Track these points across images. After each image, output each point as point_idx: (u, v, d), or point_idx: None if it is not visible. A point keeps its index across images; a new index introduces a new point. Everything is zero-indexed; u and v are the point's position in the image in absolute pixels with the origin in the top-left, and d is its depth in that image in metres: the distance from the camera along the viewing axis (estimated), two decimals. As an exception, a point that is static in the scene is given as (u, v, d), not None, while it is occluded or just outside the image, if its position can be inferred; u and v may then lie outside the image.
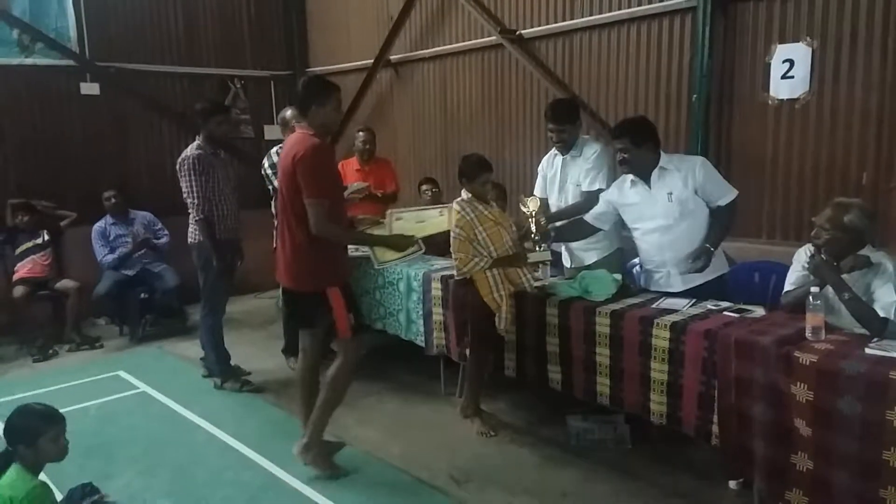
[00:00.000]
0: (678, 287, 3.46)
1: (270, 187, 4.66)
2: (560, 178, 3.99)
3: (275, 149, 4.73)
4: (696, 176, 3.37)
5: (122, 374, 4.86)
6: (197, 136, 4.40)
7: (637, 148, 3.41)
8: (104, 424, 4.00)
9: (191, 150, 4.30)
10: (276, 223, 4.55)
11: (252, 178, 4.90)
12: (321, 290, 3.18)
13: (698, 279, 3.42)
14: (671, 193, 3.39)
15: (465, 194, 3.63)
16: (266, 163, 4.70)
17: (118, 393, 4.51)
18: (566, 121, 3.86)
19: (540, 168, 4.20)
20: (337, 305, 3.18)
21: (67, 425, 2.47)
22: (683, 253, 3.40)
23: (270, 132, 7.40)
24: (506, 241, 3.57)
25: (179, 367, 5.04)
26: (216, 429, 3.87)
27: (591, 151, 3.85)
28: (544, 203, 4.04)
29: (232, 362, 4.63)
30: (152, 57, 6.85)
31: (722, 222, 3.44)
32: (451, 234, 3.58)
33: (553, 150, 4.10)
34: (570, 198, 3.93)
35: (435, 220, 3.47)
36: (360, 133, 5.51)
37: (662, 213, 3.43)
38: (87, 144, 6.50)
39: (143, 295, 5.75)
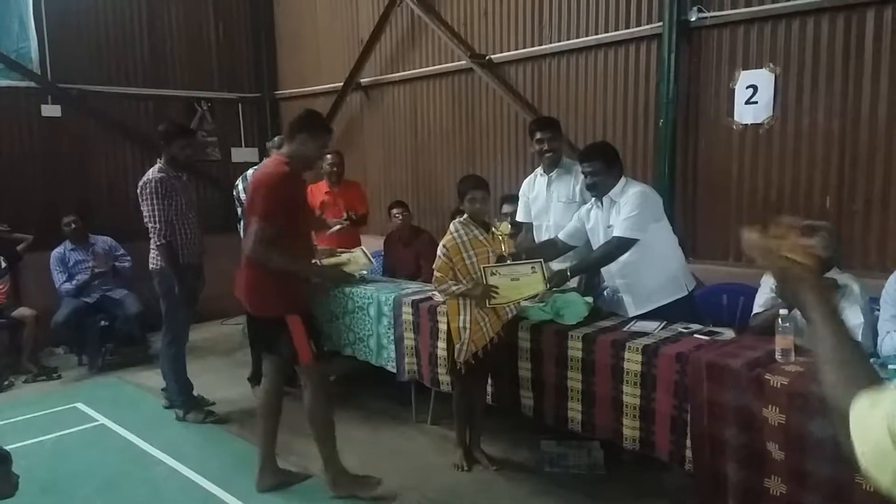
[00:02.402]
0: (632, 311, 3.45)
1: (240, 209, 4.59)
2: (546, 197, 3.97)
3: (251, 171, 4.65)
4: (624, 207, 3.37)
5: (81, 405, 4.67)
6: (159, 159, 4.30)
7: (607, 171, 3.43)
8: (60, 460, 3.83)
9: (152, 173, 4.18)
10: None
11: (218, 201, 4.81)
12: (280, 316, 3.12)
13: (650, 304, 3.41)
14: (609, 227, 3.42)
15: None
16: (240, 185, 4.65)
17: (76, 426, 4.33)
18: (553, 128, 3.93)
19: (521, 193, 4.18)
20: (297, 333, 3.12)
21: (22, 462, 2.37)
22: (631, 280, 3.43)
23: (238, 155, 7.31)
24: None
25: (140, 398, 4.86)
26: (178, 463, 3.72)
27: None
28: (529, 226, 4.05)
29: (195, 392, 4.48)
30: (116, 79, 6.73)
31: (600, 251, 3.43)
32: (438, 250, 3.48)
33: (534, 174, 4.11)
34: (557, 217, 3.89)
35: (529, 279, 3.35)
36: (329, 156, 5.45)
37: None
38: (48, 167, 6.33)
39: (103, 323, 5.55)
